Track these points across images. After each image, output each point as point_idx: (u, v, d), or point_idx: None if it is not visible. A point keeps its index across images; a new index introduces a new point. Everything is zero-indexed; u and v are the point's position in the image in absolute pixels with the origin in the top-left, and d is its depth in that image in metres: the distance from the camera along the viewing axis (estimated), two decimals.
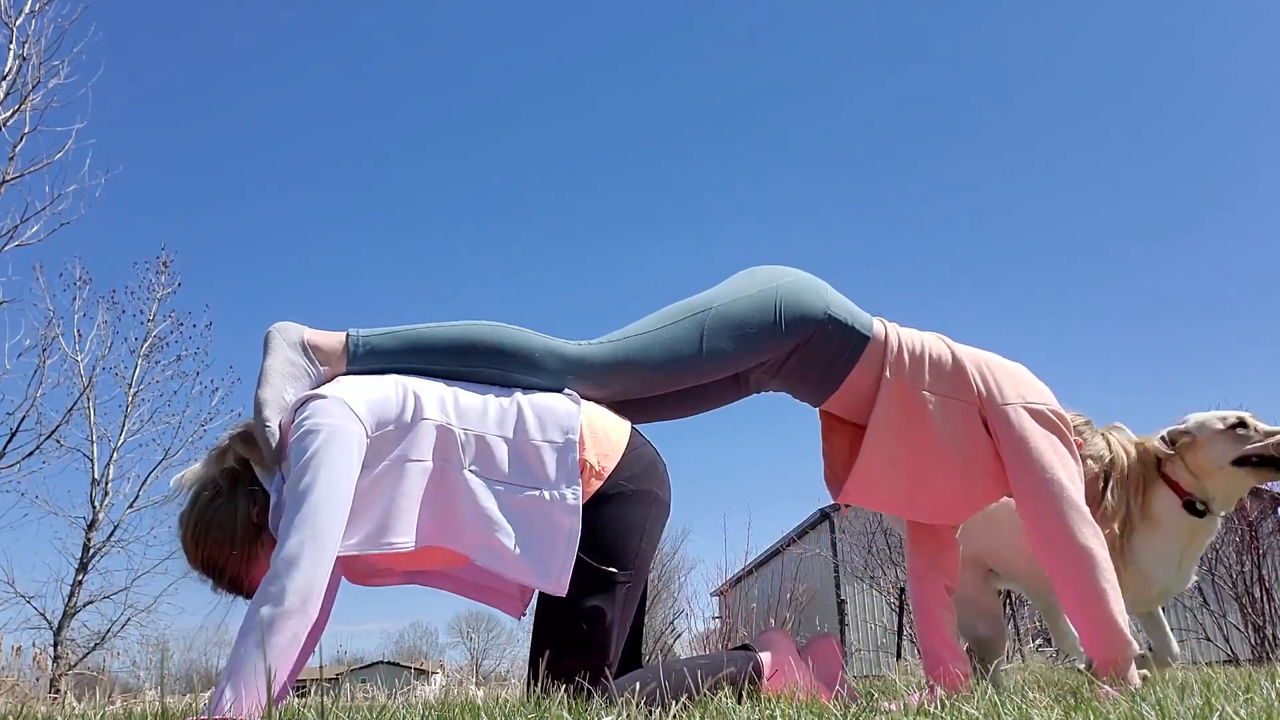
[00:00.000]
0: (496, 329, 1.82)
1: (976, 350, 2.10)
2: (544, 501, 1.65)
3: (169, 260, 11.70)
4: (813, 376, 2.04)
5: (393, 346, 1.78)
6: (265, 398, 1.65)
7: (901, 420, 2.00)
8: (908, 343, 2.02)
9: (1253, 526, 8.47)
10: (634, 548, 1.72)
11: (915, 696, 1.83)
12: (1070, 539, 1.92)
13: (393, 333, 1.80)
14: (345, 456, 1.52)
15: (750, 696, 1.71)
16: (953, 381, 2.01)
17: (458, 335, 1.80)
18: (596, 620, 1.67)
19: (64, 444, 10.26)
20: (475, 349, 1.79)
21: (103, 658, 10.77)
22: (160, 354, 11.43)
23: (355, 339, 1.78)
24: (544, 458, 1.67)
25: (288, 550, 1.42)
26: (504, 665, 34.20)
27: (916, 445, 2.01)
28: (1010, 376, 2.04)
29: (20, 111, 8.51)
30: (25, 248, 8.58)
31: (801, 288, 1.98)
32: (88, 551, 10.37)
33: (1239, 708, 1.12)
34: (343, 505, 1.50)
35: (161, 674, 10.97)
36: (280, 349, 1.73)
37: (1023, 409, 1.99)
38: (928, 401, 1.99)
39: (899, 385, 1.99)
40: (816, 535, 17.18)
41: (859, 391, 2.03)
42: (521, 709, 1.45)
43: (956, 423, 2.00)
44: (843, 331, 1.98)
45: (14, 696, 6.34)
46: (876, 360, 2.00)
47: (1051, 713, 1.26)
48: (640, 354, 1.87)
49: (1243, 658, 8.02)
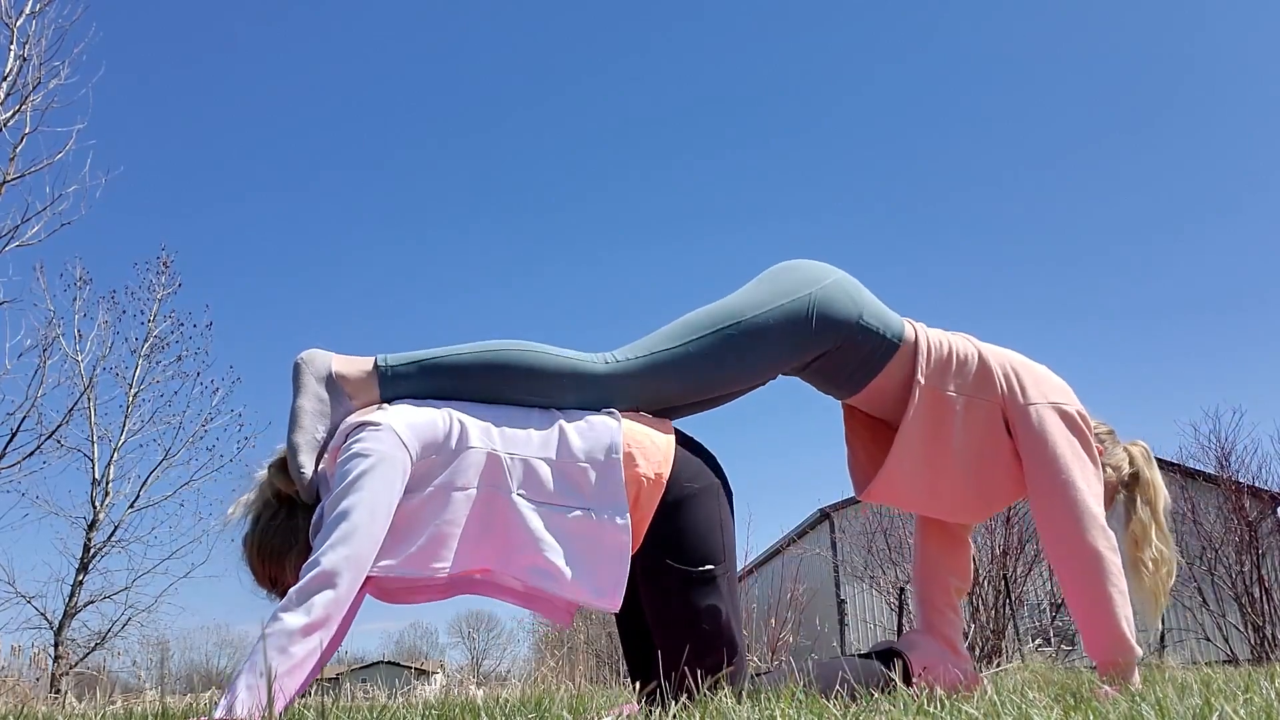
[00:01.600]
0: (524, 351, 1.80)
1: (1003, 350, 2.10)
2: (592, 522, 1.68)
3: (169, 260, 11.75)
4: (840, 377, 2.04)
5: (420, 370, 1.77)
6: (298, 443, 1.68)
7: (930, 424, 2.00)
8: (936, 344, 2.02)
9: (1252, 526, 8.47)
10: (719, 541, 1.77)
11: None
12: (1081, 541, 1.92)
13: (420, 359, 1.78)
14: (388, 483, 1.56)
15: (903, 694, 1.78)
16: (978, 381, 2.01)
17: (487, 359, 1.79)
18: (715, 618, 1.72)
19: (64, 444, 10.29)
20: (504, 371, 1.78)
21: (103, 658, 10.79)
22: (161, 354, 11.47)
23: (384, 367, 1.76)
24: (590, 478, 1.70)
25: (325, 565, 1.45)
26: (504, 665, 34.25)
27: (941, 446, 2.02)
28: (1034, 376, 2.04)
29: (21, 112, 8.52)
30: (26, 248, 8.61)
31: (835, 294, 1.94)
32: (88, 551, 10.38)
33: (1238, 708, 1.12)
34: (380, 529, 1.53)
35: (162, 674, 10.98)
36: (309, 387, 1.73)
37: (1045, 408, 1.99)
38: (955, 403, 2.00)
39: (930, 389, 1.99)
40: (816, 535, 17.16)
41: (885, 391, 2.04)
42: (521, 709, 1.45)
43: (980, 422, 2.01)
44: (874, 339, 1.97)
45: (14, 696, 6.35)
46: (906, 363, 2.00)
47: (1051, 713, 1.26)
48: (667, 370, 1.85)
49: (1242, 658, 8.02)
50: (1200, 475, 9.50)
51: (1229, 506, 8.74)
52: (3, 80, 8.42)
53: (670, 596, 1.72)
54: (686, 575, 1.71)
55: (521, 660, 27.19)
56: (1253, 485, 8.88)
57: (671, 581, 1.71)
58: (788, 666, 1.87)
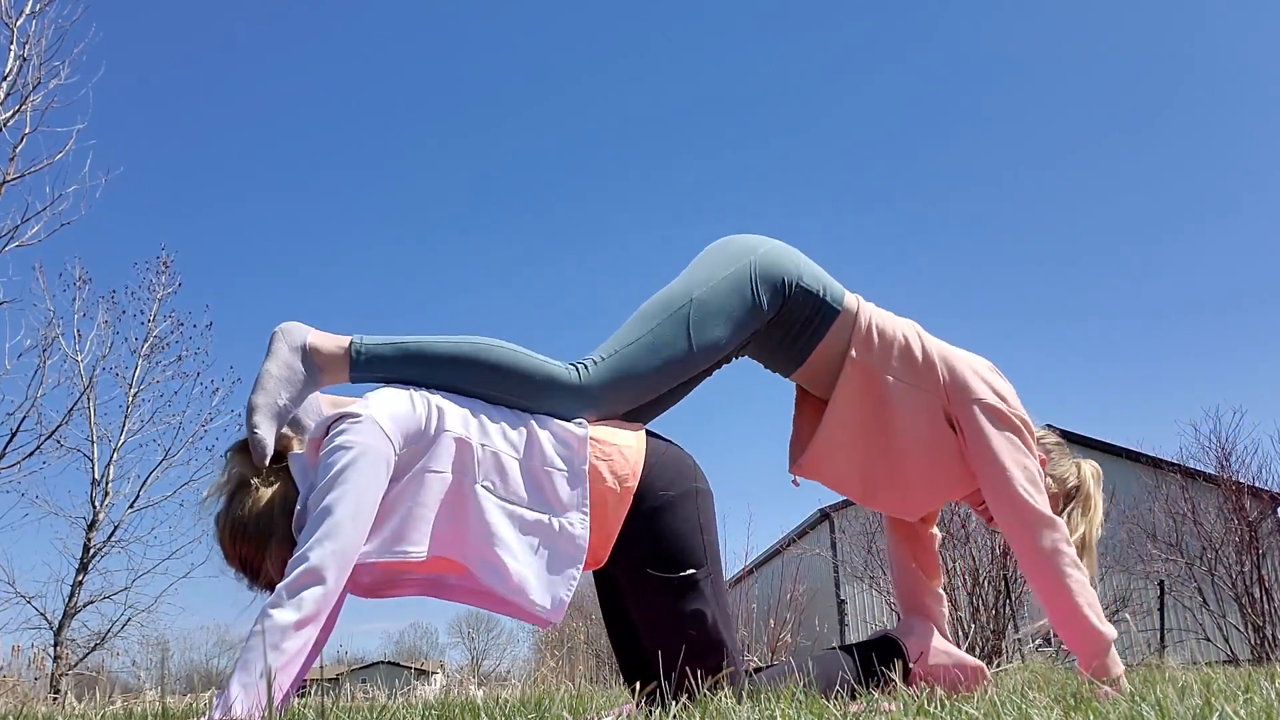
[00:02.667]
0: (495, 348, 1.80)
1: (946, 345, 2.09)
2: (550, 528, 1.67)
3: (169, 260, 11.72)
4: (782, 346, 2.03)
5: (393, 355, 1.78)
6: (257, 403, 1.67)
7: (862, 401, 2.00)
8: (879, 324, 2.01)
9: (1252, 526, 8.47)
10: (699, 544, 1.77)
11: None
12: (1035, 539, 1.93)
13: (395, 343, 1.79)
14: (373, 475, 1.55)
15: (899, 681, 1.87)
16: (918, 371, 2.00)
17: (457, 350, 1.79)
18: (700, 622, 1.72)
19: (64, 444, 10.27)
20: (473, 364, 1.78)
21: (103, 658, 10.80)
22: (160, 354, 11.44)
23: (358, 345, 1.77)
24: (555, 483, 1.69)
25: (313, 560, 1.45)
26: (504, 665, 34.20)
27: (877, 430, 2.01)
28: (975, 374, 2.03)
29: (21, 112, 8.52)
30: (25, 248, 8.60)
31: (774, 259, 1.96)
32: (88, 552, 10.37)
33: (1239, 708, 1.12)
34: (366, 522, 1.53)
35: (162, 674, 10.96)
36: (280, 353, 1.74)
37: (985, 405, 1.99)
38: (890, 386, 1.99)
39: (863, 365, 1.99)
40: (816, 535, 17.15)
41: (827, 364, 2.03)
42: (521, 709, 1.45)
43: (920, 413, 2.00)
44: (813, 302, 1.98)
45: (14, 697, 6.34)
46: (845, 334, 2.00)
47: (1051, 713, 1.26)
48: (634, 366, 1.85)
49: (1242, 658, 8.02)
50: (1200, 475, 9.49)
51: (1229, 507, 8.73)
52: (3, 80, 8.42)
53: (654, 604, 1.72)
54: (668, 582, 1.71)
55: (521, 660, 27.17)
56: (1253, 485, 8.88)
57: (654, 589, 1.71)
58: (787, 665, 1.87)
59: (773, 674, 1.84)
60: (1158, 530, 9.16)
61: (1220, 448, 9.03)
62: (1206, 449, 9.21)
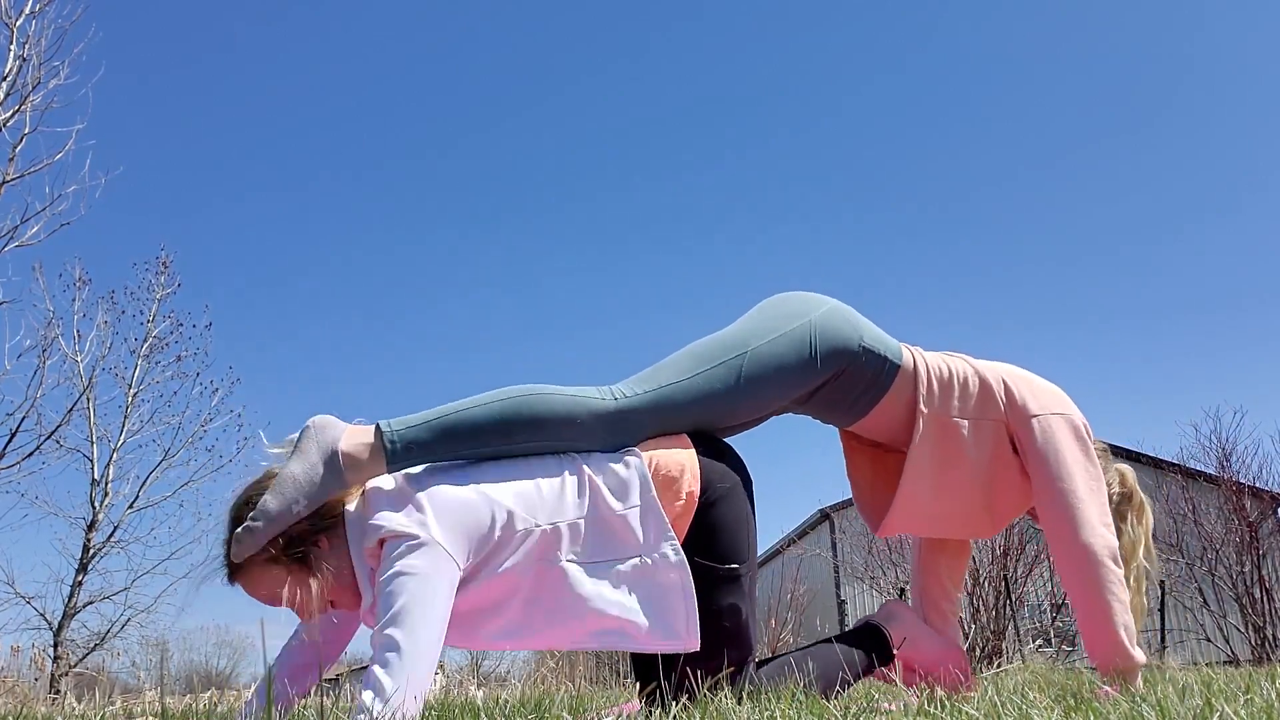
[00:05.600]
0: (530, 398, 1.73)
1: (998, 364, 2.11)
2: (647, 566, 1.67)
3: (169, 261, 11.70)
4: (843, 405, 2.03)
5: (430, 438, 1.69)
6: (270, 509, 1.60)
7: (938, 451, 2.01)
8: (935, 368, 2.03)
9: (1253, 527, 8.47)
10: (745, 539, 1.79)
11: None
12: (1081, 550, 1.92)
13: (427, 422, 1.69)
14: (438, 604, 1.49)
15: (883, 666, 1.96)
16: (981, 402, 2.02)
17: (495, 414, 1.71)
18: (736, 615, 1.73)
19: (64, 444, 10.25)
20: (514, 425, 1.72)
21: (102, 658, 10.78)
22: (160, 354, 11.41)
23: (389, 435, 1.67)
24: (631, 525, 1.68)
25: (393, 702, 1.39)
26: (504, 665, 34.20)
27: (949, 471, 2.02)
28: (1033, 388, 2.05)
29: (20, 112, 8.51)
30: (25, 248, 8.56)
31: (835, 320, 1.94)
32: (87, 552, 10.36)
33: (1239, 708, 1.12)
34: (435, 653, 1.48)
35: (161, 674, 10.96)
36: (309, 455, 1.66)
37: (1048, 419, 2.00)
38: (960, 427, 2.00)
39: (935, 416, 1.99)
40: (816, 535, 17.18)
41: (888, 414, 2.04)
42: (521, 709, 1.45)
43: (987, 443, 2.01)
44: (876, 362, 1.97)
45: (14, 697, 6.34)
46: (907, 388, 2.00)
47: (1051, 713, 1.26)
48: (678, 401, 1.81)
49: (1243, 658, 8.02)
50: (1201, 476, 9.50)
51: (1230, 507, 8.73)
52: (2, 80, 8.42)
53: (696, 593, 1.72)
54: (713, 572, 1.72)
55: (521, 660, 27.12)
56: (1253, 486, 8.88)
57: (698, 578, 1.71)
58: (788, 665, 1.88)
59: (772, 670, 1.84)
60: (1158, 531, 9.15)
61: (1221, 448, 9.05)
62: (1207, 449, 9.22)
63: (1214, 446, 9.10)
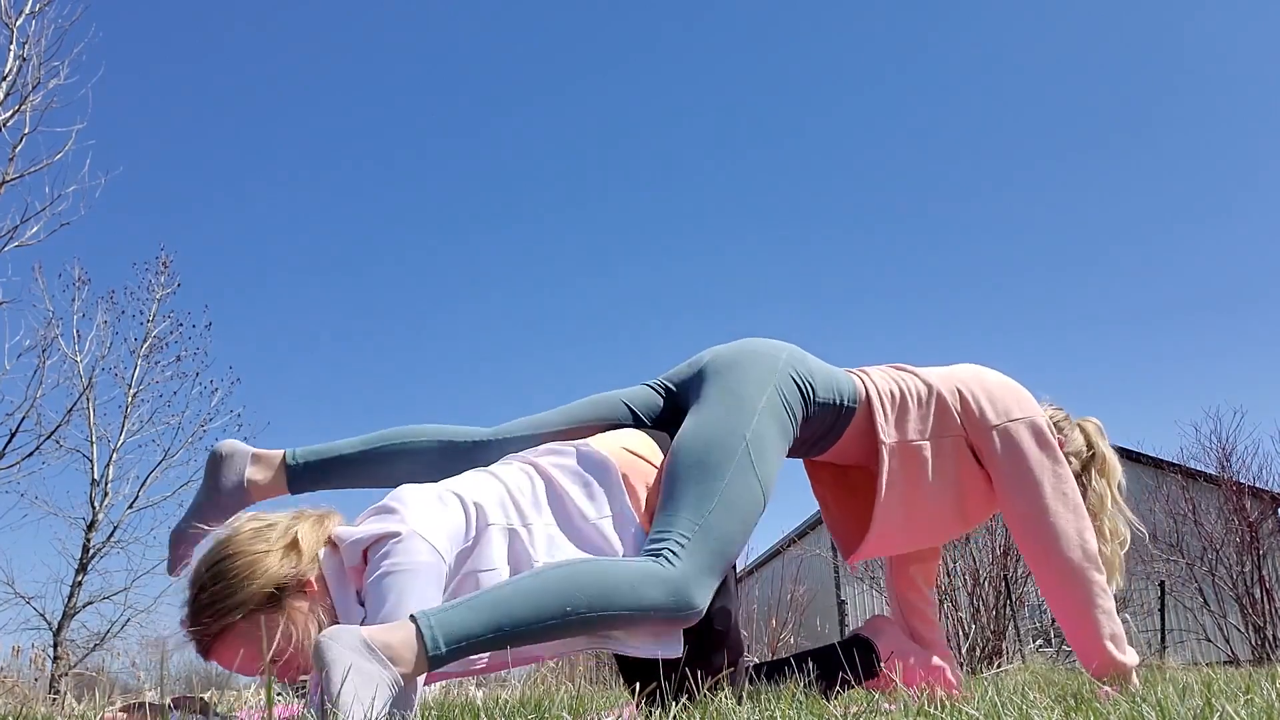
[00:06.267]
0: (582, 574, 1.53)
1: (947, 371, 2.07)
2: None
3: (168, 260, 11.71)
4: (802, 449, 2.05)
5: (483, 632, 1.44)
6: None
7: (904, 480, 1.99)
8: (886, 392, 2.00)
9: (1253, 527, 8.47)
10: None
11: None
12: (1059, 566, 1.92)
13: (473, 608, 1.45)
14: (429, 594, 1.48)
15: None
16: (938, 419, 1.99)
17: (545, 608, 1.48)
18: (725, 618, 1.75)
19: (63, 444, 10.26)
20: (571, 619, 1.50)
21: (102, 658, 10.76)
22: (160, 354, 11.42)
23: (432, 643, 1.39)
24: (604, 533, 1.67)
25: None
26: None
27: (918, 497, 2.00)
28: (989, 393, 2.01)
29: (20, 112, 8.51)
30: (25, 248, 8.57)
31: (790, 379, 1.90)
32: (87, 552, 10.36)
33: (1239, 708, 1.12)
34: None
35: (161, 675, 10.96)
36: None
37: (1005, 427, 1.97)
38: (923, 449, 1.98)
39: (897, 447, 1.97)
40: (816, 536, 17.15)
41: (851, 442, 2.03)
42: (521, 710, 1.44)
43: (949, 459, 1.99)
44: (831, 411, 1.97)
45: (13, 697, 6.34)
46: (864, 419, 1.99)
47: (1052, 714, 1.25)
48: (722, 532, 1.68)
49: (1243, 658, 8.01)
50: (1201, 476, 9.50)
51: (1230, 507, 8.73)
52: (2, 80, 8.41)
53: None
54: None
55: None
56: (1254, 486, 8.88)
57: None
58: (788, 666, 1.88)
59: (772, 669, 1.85)
60: (1158, 531, 9.15)
61: (1221, 448, 9.05)
62: (1207, 449, 9.22)
63: (1214, 446, 9.11)
